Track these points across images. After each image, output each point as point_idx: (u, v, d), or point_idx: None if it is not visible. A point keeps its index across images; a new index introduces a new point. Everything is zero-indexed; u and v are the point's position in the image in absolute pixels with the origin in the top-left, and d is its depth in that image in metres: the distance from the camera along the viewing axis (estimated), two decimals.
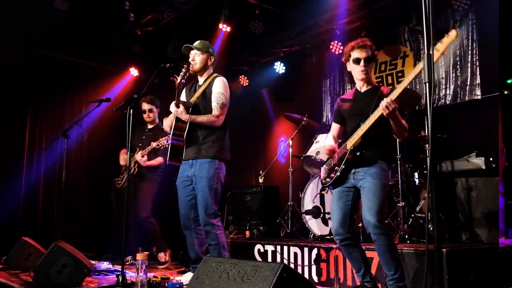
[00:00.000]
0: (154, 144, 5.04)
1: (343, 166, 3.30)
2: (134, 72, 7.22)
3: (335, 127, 3.64)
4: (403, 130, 3.21)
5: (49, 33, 6.12)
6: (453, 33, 2.63)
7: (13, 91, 6.00)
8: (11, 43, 5.83)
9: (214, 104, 3.88)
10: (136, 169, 5.36)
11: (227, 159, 3.96)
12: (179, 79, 3.86)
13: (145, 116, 5.59)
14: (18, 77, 6.09)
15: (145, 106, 5.56)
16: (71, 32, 6.21)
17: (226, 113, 3.94)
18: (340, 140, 3.54)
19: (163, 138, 4.89)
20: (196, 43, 4.06)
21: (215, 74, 4.05)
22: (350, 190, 3.33)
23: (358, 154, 3.24)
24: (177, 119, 3.86)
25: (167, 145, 4.63)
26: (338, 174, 3.32)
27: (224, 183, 4.00)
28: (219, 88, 3.92)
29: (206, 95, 3.95)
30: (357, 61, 3.33)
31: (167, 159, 3.95)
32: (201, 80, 4.11)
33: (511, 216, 4.51)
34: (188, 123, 3.84)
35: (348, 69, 3.48)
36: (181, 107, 3.80)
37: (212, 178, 3.81)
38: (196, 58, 4.01)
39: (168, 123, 4.04)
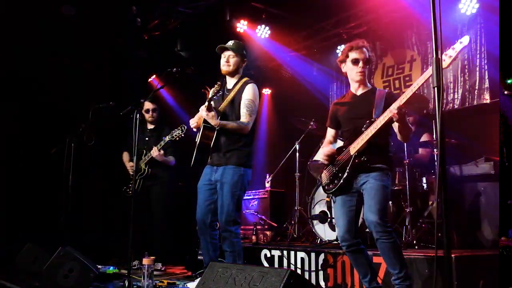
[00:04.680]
0: (167, 138, 4.91)
1: (348, 172, 3.21)
2: (142, 76, 7.24)
3: (331, 132, 3.57)
4: (410, 132, 3.18)
5: (57, 39, 6.16)
6: (465, 39, 2.60)
7: (23, 96, 6.05)
8: (23, 50, 5.87)
9: (244, 111, 3.77)
10: (149, 170, 5.23)
11: (252, 166, 3.89)
12: (210, 93, 3.73)
13: (147, 115, 5.41)
14: (28, 82, 6.14)
15: (149, 105, 5.39)
16: (79, 37, 6.23)
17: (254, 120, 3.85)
18: (335, 144, 3.48)
19: (177, 129, 4.77)
20: (231, 43, 3.88)
21: (245, 79, 3.91)
22: (354, 196, 3.27)
23: (363, 159, 3.16)
24: (205, 127, 3.75)
25: (182, 135, 4.65)
26: (342, 181, 3.24)
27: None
28: (250, 95, 3.80)
29: (235, 101, 3.83)
30: (355, 62, 3.27)
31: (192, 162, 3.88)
32: (230, 82, 3.97)
33: (511, 215, 4.44)
34: (215, 132, 3.74)
35: (343, 70, 3.39)
36: (213, 111, 3.68)
37: (235, 184, 3.71)
38: (230, 60, 3.86)
39: (194, 123, 3.92)
